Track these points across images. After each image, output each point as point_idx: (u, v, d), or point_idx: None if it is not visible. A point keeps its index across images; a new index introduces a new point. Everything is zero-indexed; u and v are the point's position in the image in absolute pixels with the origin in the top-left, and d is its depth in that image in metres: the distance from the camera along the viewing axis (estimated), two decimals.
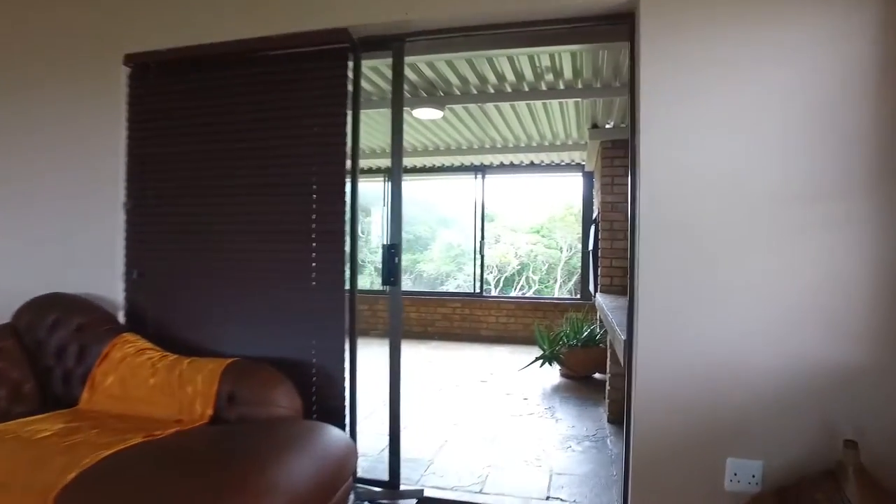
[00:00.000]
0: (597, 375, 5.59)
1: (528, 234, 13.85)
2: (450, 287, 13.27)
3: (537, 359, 5.61)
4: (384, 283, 2.89)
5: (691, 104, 2.26)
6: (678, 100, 2.28)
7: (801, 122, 2.18)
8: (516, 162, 7.72)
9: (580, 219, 13.08)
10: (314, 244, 2.76)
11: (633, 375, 2.41)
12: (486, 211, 8.15)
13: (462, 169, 8.08)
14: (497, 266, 13.09)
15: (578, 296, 8.17)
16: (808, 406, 2.17)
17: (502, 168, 7.93)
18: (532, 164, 7.75)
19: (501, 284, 13.08)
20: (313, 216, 2.76)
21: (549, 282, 13.27)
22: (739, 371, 2.22)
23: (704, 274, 2.25)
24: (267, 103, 2.82)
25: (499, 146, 6.79)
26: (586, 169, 7.49)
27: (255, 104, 2.84)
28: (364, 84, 4.52)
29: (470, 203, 8.12)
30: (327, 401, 2.75)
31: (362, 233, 14.36)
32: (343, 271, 2.74)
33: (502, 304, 7.83)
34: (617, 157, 5.67)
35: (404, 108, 5.12)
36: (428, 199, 14.88)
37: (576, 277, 13.65)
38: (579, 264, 13.46)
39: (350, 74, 2.74)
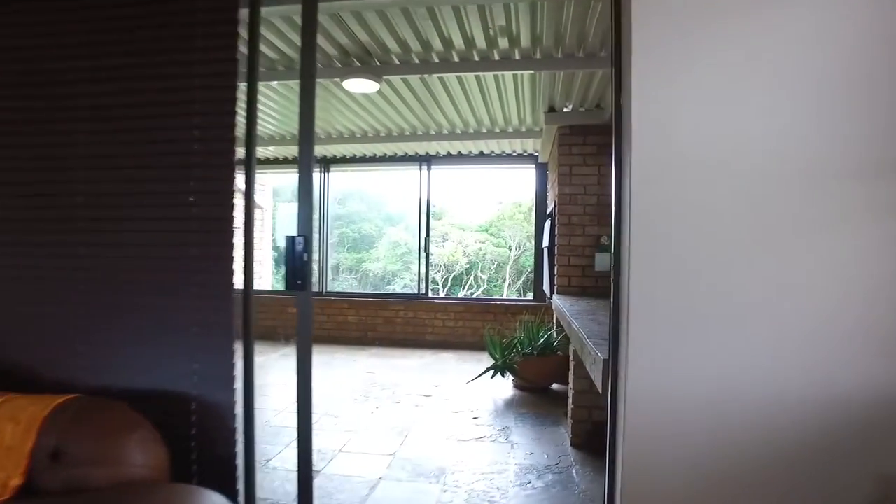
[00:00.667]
0: (555, 387, 5.02)
1: (477, 233, 13.59)
2: (396, 287, 12.91)
3: (488, 369, 5.00)
4: (288, 286, 2.15)
5: (698, 56, 1.67)
6: (680, 54, 1.68)
7: (839, 76, 1.62)
8: (465, 151, 7.10)
9: (531, 215, 12.67)
10: (193, 236, 2.02)
11: (618, 406, 1.80)
12: (432, 207, 7.48)
13: (406, 159, 7.39)
14: (445, 265, 12.76)
15: (531, 296, 7.63)
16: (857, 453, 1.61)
17: (449, 159, 7.29)
18: (482, 154, 7.15)
19: (450, 284, 12.73)
20: (191, 198, 2.02)
21: (497, 281, 13.07)
22: (772, 408, 1.64)
23: (718, 275, 1.66)
24: (115, 48, 2.06)
25: (445, 132, 6.14)
26: (540, 160, 6.95)
27: (103, 50, 2.08)
28: (280, 48, 3.77)
29: (415, 197, 7.44)
30: (212, 448, 2.01)
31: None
32: (231, 270, 2.01)
33: (449, 307, 7.19)
34: (576, 143, 5.12)
35: (334, 80, 4.47)
36: (373, 194, 14.42)
37: (525, 277, 13.47)
38: (529, 263, 13.09)
39: (242, 32, 2.00)
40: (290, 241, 2.07)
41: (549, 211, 6.29)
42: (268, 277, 9.06)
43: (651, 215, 1.71)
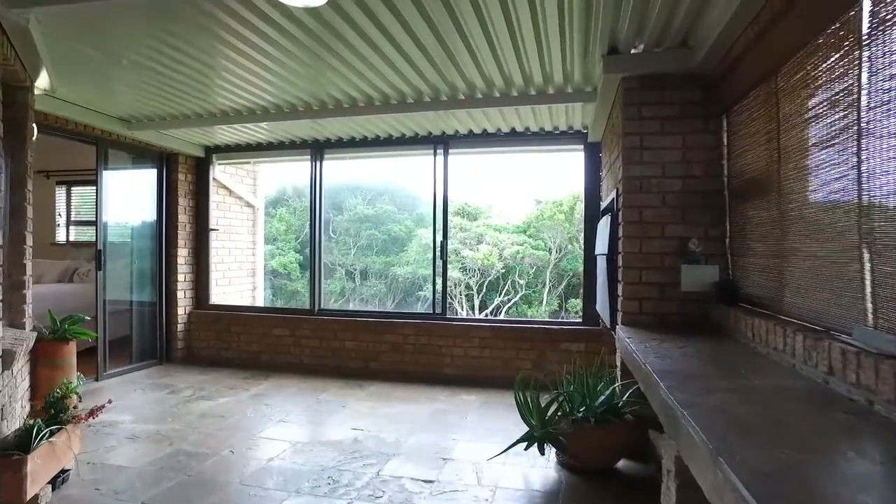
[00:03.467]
0: (622, 465, 3.36)
1: (514, 234, 12.44)
2: (427, 293, 11.77)
3: (521, 440, 3.36)
4: None
5: None
6: None
7: None
8: (491, 129, 5.46)
9: (574, 215, 11.12)
10: None
11: None
12: (451, 200, 5.89)
13: (417, 142, 5.81)
14: (480, 269, 11.88)
15: (578, 317, 5.94)
16: None
17: (471, 140, 5.67)
18: (513, 132, 5.51)
19: (485, 290, 11.96)
20: None
21: (537, 286, 12.25)
22: None
23: None
24: None
25: (462, 96, 4.50)
26: (590, 139, 5.26)
27: None
28: None
29: (431, 190, 5.86)
30: None
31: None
32: None
33: (473, 331, 5.57)
34: (649, 102, 3.45)
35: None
36: (402, 193, 13.40)
37: (566, 282, 12.16)
38: (571, 267, 12.03)
39: None
40: None
41: (605, 205, 4.62)
42: (257, 293, 7.62)
43: None
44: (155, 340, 6.25)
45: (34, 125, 3.70)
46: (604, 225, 4.29)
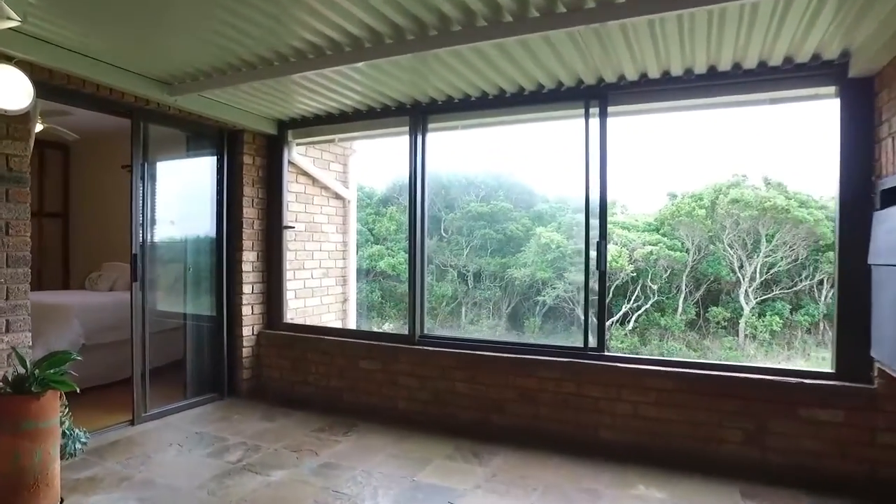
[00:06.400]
0: None
1: (646, 233, 11.38)
2: (548, 299, 11.11)
3: None
4: None
5: None
6: None
7: None
8: (676, 70, 3.51)
9: (717, 207, 9.02)
10: None
11: None
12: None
13: (559, 96, 3.98)
14: (583, 273, 10.12)
15: (830, 367, 3.81)
16: None
17: (640, 89, 3.75)
18: (712, 72, 3.51)
19: (611, 295, 10.79)
20: None
21: (670, 291, 11.16)
22: None
23: None
24: None
25: None
26: (853, 72, 3.18)
27: None
28: None
29: (577, 167, 4.02)
30: None
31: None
32: None
33: (647, 379, 3.65)
34: None
35: None
36: (518, 189, 12.53)
37: (705, 287, 10.98)
38: (712, 270, 10.68)
39: None
40: None
41: (886, 185, 2.56)
42: (348, 307, 6.12)
43: None
44: (215, 368, 4.91)
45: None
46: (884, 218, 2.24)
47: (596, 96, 3.86)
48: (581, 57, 3.36)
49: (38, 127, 5.33)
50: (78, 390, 2.85)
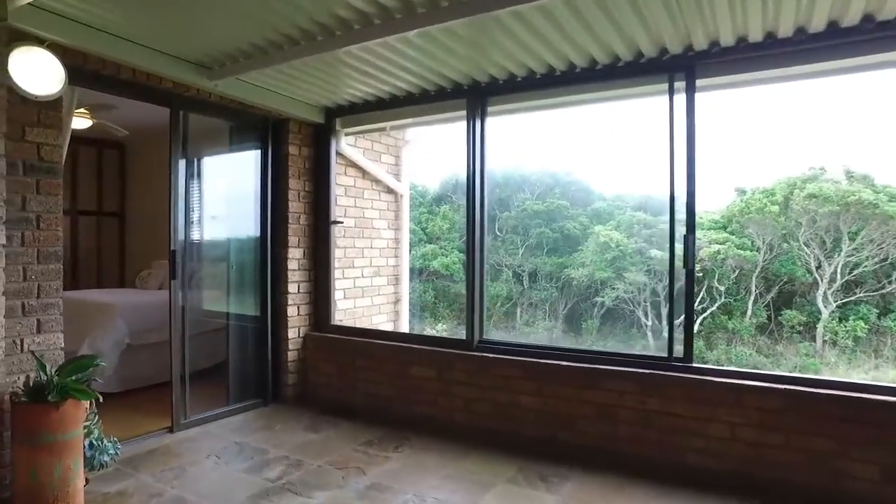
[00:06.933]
0: None
1: (712, 231, 10.93)
2: (606, 299, 10.76)
3: None
4: None
5: None
6: None
7: None
8: (786, 31, 2.95)
9: (791, 203, 8.38)
10: None
11: None
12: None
13: (636, 70, 3.47)
14: (668, 272, 9.88)
15: None
16: None
17: (741, 55, 3.19)
18: (832, 28, 2.93)
19: (674, 296, 9.72)
20: None
21: (738, 293, 10.68)
22: None
23: None
24: None
25: None
26: None
27: None
28: None
29: (659, 155, 3.52)
30: None
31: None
32: None
33: (748, 396, 3.07)
34: None
35: None
36: (580, 182, 12.26)
37: (777, 289, 10.38)
38: (786, 270, 10.26)
39: None
40: None
41: None
42: (401, 308, 5.75)
43: None
44: (259, 372, 4.61)
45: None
46: None
47: (682, 67, 3.32)
48: (670, 16, 2.85)
49: (85, 123, 5.24)
50: (100, 399, 2.56)
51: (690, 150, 3.33)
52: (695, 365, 3.31)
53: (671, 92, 3.37)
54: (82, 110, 5.05)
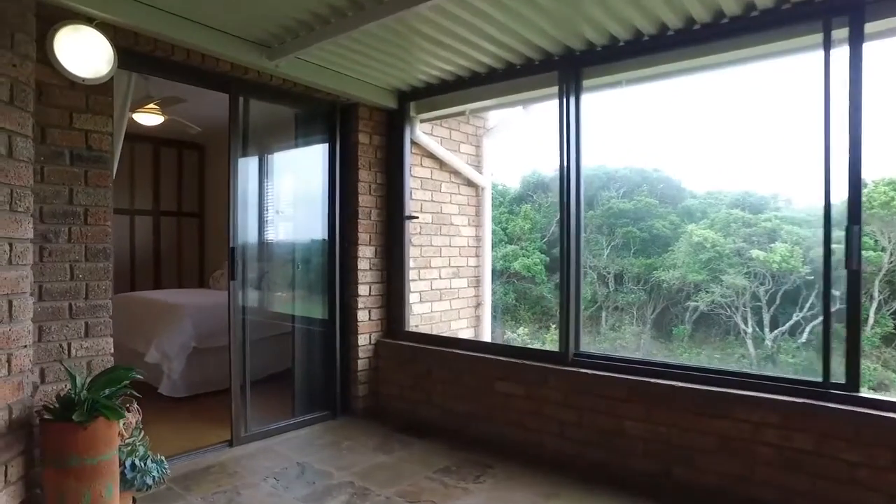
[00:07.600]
0: None
1: (822, 229, 9.28)
2: (701, 303, 9.98)
3: None
4: None
5: None
6: None
7: None
8: None
9: None
10: None
11: None
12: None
13: (786, 18, 2.77)
14: (773, 275, 9.54)
15: None
16: None
17: None
18: None
19: (778, 302, 9.53)
20: None
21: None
22: None
23: None
24: None
25: None
26: None
27: None
28: None
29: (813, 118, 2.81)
30: None
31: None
32: None
33: None
34: None
35: None
36: (669, 179, 11.43)
37: None
38: None
39: None
40: None
41: None
42: (482, 312, 5.21)
43: None
44: (327, 382, 4.22)
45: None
46: None
47: (844, 9, 2.59)
48: None
49: (157, 119, 5.09)
50: (129, 418, 2.21)
51: (856, 117, 2.59)
52: (863, 395, 2.56)
53: (827, 44, 2.64)
54: (152, 105, 4.90)
